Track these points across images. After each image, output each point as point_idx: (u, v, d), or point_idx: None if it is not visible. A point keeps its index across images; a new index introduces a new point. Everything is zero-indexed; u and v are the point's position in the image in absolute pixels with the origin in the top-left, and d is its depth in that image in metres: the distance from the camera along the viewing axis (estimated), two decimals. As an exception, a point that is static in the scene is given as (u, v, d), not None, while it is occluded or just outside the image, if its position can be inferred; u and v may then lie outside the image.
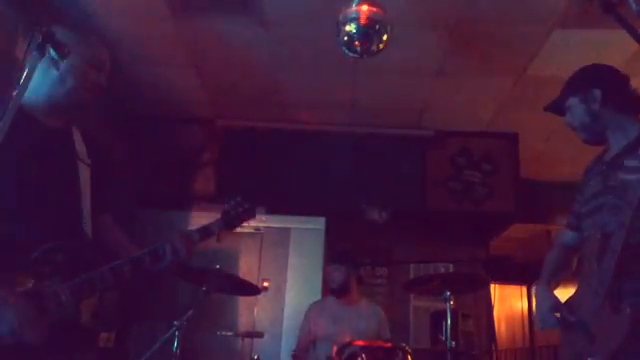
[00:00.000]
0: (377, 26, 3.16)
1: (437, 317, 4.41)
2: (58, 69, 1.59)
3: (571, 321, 1.80)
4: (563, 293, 1.99)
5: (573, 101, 1.92)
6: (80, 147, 1.72)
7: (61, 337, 1.48)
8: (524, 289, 8.32)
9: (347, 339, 3.18)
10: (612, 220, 1.71)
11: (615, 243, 1.64)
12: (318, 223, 5.12)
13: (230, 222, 1.85)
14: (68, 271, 1.50)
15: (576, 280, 2.06)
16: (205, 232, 1.81)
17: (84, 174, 1.69)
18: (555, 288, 2.01)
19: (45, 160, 1.59)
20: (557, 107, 2.01)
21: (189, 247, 1.73)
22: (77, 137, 1.74)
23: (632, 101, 1.88)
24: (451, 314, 3.07)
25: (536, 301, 1.98)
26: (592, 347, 1.67)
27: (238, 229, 1.95)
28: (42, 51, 1.42)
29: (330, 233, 5.12)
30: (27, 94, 1.57)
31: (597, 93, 1.86)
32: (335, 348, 3.12)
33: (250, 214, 1.90)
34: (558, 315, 1.85)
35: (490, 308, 5.54)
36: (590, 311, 1.70)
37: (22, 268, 1.45)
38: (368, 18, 3.14)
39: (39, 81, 1.63)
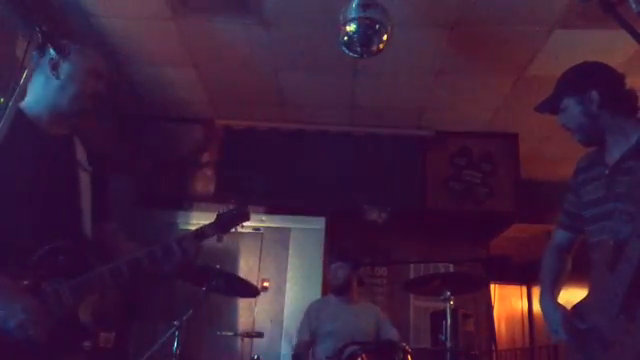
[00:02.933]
0: (377, 26, 3.17)
1: (437, 317, 4.39)
2: (58, 78, 1.66)
3: (582, 328, 1.77)
4: (564, 293, 1.98)
5: (569, 102, 1.88)
6: (81, 154, 1.77)
7: (59, 336, 1.50)
8: (524, 289, 8.32)
9: (347, 338, 3.19)
10: (625, 228, 1.66)
11: (631, 253, 1.59)
12: (318, 223, 5.12)
13: (224, 225, 1.86)
14: (68, 272, 1.53)
15: (575, 281, 2.04)
16: (201, 234, 1.82)
17: (84, 180, 1.73)
18: (558, 295, 1.99)
19: (47, 166, 1.64)
20: (550, 107, 1.97)
21: (196, 248, 1.75)
22: (78, 145, 1.79)
23: (629, 102, 1.85)
24: (451, 314, 3.07)
25: (544, 313, 1.94)
26: (607, 355, 1.65)
27: (238, 229, 1.96)
28: (42, 51, 1.42)
29: (330, 233, 5.12)
30: (30, 103, 1.65)
31: (595, 94, 1.82)
32: (335, 347, 3.13)
33: (244, 217, 1.90)
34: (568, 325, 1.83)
35: (490, 308, 5.53)
36: (605, 319, 1.67)
37: (24, 269, 1.48)
38: (368, 18, 3.14)
39: (41, 91, 1.69)
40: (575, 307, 1.89)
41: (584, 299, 1.87)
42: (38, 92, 1.70)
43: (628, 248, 1.62)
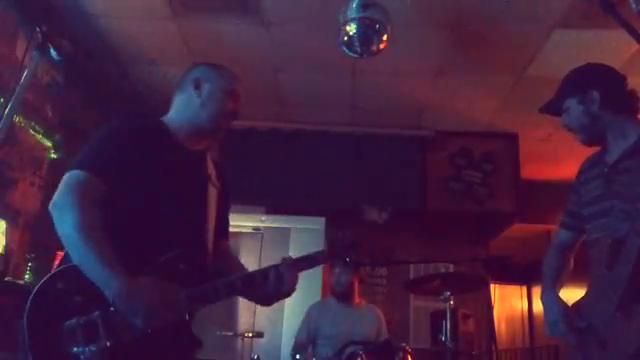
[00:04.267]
0: (377, 26, 3.17)
1: (437, 317, 4.40)
2: (200, 97, 1.80)
3: (581, 326, 1.78)
4: (564, 293, 1.99)
5: (571, 102, 1.91)
6: (211, 170, 1.88)
7: (173, 341, 1.55)
8: (524, 289, 8.32)
9: (348, 342, 3.18)
10: (622, 226, 1.69)
11: (629, 251, 1.62)
12: (318, 223, 5.11)
13: (336, 254, 1.91)
14: (186, 281, 1.56)
15: (575, 281, 2.05)
16: (310, 262, 1.86)
17: (213, 195, 1.82)
18: (559, 291, 2.00)
19: (183, 178, 1.72)
20: (553, 108, 2.00)
21: (293, 275, 1.78)
22: (209, 161, 1.91)
23: (630, 102, 1.88)
24: (451, 314, 3.07)
25: (544, 308, 1.96)
26: (605, 353, 1.66)
27: (241, 230, 1.99)
28: (42, 51, 1.43)
29: (330, 233, 5.12)
30: (172, 118, 1.82)
31: (596, 95, 1.85)
32: (335, 348, 3.12)
33: (355, 250, 1.92)
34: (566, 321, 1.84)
35: (490, 308, 5.52)
36: (602, 317, 1.69)
37: (149, 271, 1.52)
38: (368, 18, 3.14)
39: (183, 108, 1.84)
40: (574, 305, 1.90)
41: (583, 297, 1.88)
42: (180, 109, 1.86)
43: (625, 246, 1.64)
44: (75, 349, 1.40)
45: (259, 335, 3.83)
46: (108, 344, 1.41)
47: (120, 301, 1.42)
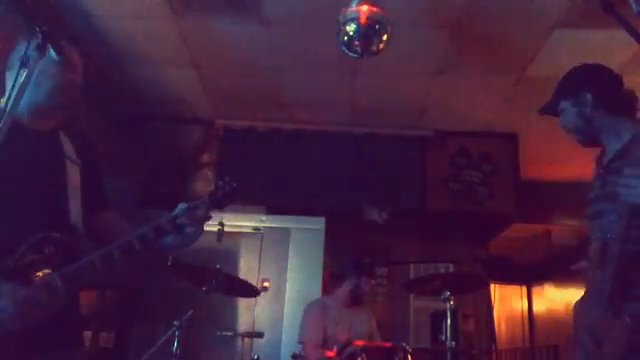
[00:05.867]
0: (377, 26, 3.16)
1: (437, 317, 4.41)
2: (31, 75, 1.61)
3: (580, 325, 1.83)
4: (563, 293, 2.00)
5: (565, 104, 1.94)
6: (68, 148, 1.77)
7: (58, 328, 1.49)
8: (524, 289, 8.32)
9: (347, 340, 3.19)
10: (612, 227, 1.72)
11: (612, 252, 1.66)
12: (318, 223, 5.11)
13: (217, 201, 1.81)
14: (57, 262, 1.51)
15: (574, 281, 2.09)
16: (192, 212, 1.74)
17: (73, 173, 1.73)
18: None
19: (31, 162, 1.64)
20: (551, 109, 2.03)
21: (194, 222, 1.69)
22: (64, 139, 1.79)
23: (624, 102, 1.89)
24: (451, 314, 3.07)
25: None
26: (600, 352, 1.69)
27: (241, 230, 1.95)
28: (42, 51, 1.42)
29: (330, 233, 5.12)
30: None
31: (588, 97, 1.87)
32: (335, 348, 3.13)
33: (235, 194, 1.86)
34: None
35: (490, 308, 5.54)
36: (596, 316, 1.72)
37: (9, 262, 1.47)
38: (368, 18, 3.14)
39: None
40: (574, 306, 1.92)
41: (582, 297, 1.91)
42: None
43: (610, 247, 1.69)
44: None
45: (259, 335, 3.83)
46: None
47: None
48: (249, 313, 4.72)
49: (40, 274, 1.48)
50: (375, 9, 3.13)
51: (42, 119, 1.75)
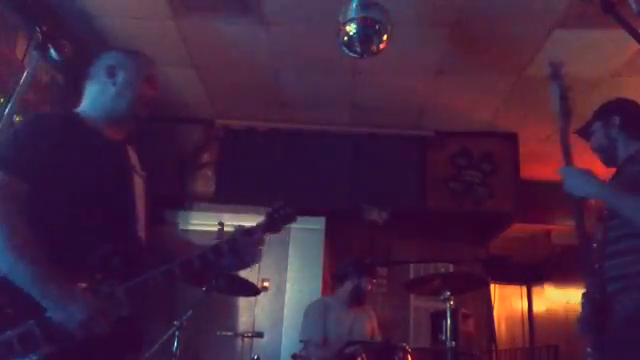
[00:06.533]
0: (377, 26, 3.17)
1: (437, 317, 4.40)
2: (115, 85, 1.74)
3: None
4: (563, 293, 2.04)
5: (597, 126, 2.14)
6: (134, 159, 1.84)
7: (119, 338, 1.52)
8: (524, 289, 8.32)
9: (348, 340, 3.19)
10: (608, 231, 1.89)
11: (601, 252, 1.84)
12: (318, 223, 5.11)
13: (273, 225, 1.85)
14: (123, 274, 1.54)
15: (575, 280, 2.16)
16: (249, 234, 1.78)
17: (139, 185, 1.78)
18: None
19: (107, 170, 1.68)
20: (584, 132, 2.21)
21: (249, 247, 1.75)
22: (131, 150, 1.86)
23: None
24: (451, 314, 3.07)
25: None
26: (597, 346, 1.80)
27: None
28: (42, 51, 1.42)
29: (330, 233, 5.12)
30: (86, 110, 1.75)
31: (616, 119, 2.07)
32: (336, 348, 3.13)
33: (291, 218, 1.90)
34: None
35: (490, 308, 5.53)
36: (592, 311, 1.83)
37: (80, 271, 1.49)
38: (368, 18, 3.14)
39: (98, 97, 1.77)
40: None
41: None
42: (95, 99, 1.77)
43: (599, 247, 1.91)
44: None
45: (259, 335, 3.83)
46: (49, 350, 1.38)
47: (55, 308, 1.40)
48: (249, 313, 4.72)
49: (106, 285, 1.51)
50: (375, 9, 3.14)
51: (118, 128, 1.79)
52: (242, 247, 1.71)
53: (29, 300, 1.40)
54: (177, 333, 2.90)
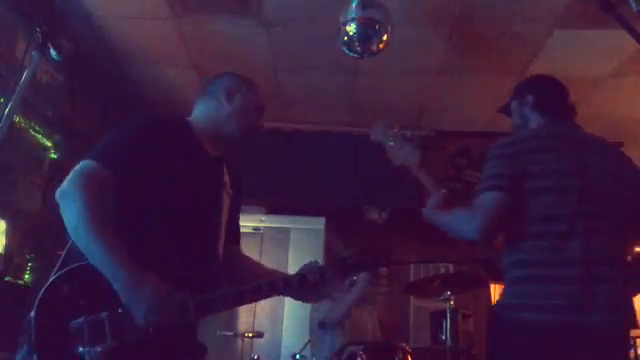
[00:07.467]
0: (377, 26, 3.17)
1: (437, 317, 4.40)
2: (230, 106, 1.82)
3: None
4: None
5: (513, 105, 2.12)
6: (226, 177, 1.87)
7: (177, 346, 1.53)
8: (524, 289, 8.31)
9: (348, 339, 3.19)
10: None
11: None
12: (318, 223, 5.11)
13: (344, 273, 1.86)
14: (193, 288, 1.54)
15: None
16: (320, 274, 1.76)
17: (226, 203, 1.82)
18: None
19: (200, 183, 1.71)
20: (505, 110, 2.22)
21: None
22: (226, 167, 1.89)
23: (562, 109, 2.00)
24: (451, 314, 3.08)
25: None
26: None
27: (241, 229, 1.98)
28: (42, 51, 1.43)
29: (330, 233, 5.12)
30: (197, 120, 1.80)
31: (529, 98, 2.03)
32: (335, 348, 3.13)
33: (365, 267, 1.90)
34: None
35: (490, 308, 5.52)
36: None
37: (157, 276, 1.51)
38: (368, 18, 3.14)
39: (210, 113, 1.83)
40: None
41: None
42: (209, 113, 1.84)
43: None
44: (81, 349, 1.39)
45: (259, 335, 3.83)
46: (113, 345, 1.41)
47: (126, 290, 1.42)
48: (249, 313, 4.72)
49: (178, 294, 1.51)
50: (375, 9, 3.14)
51: (219, 145, 1.84)
52: (309, 285, 1.72)
53: (103, 292, 1.42)
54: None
